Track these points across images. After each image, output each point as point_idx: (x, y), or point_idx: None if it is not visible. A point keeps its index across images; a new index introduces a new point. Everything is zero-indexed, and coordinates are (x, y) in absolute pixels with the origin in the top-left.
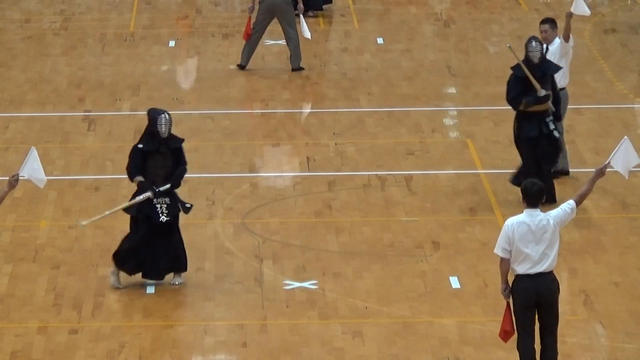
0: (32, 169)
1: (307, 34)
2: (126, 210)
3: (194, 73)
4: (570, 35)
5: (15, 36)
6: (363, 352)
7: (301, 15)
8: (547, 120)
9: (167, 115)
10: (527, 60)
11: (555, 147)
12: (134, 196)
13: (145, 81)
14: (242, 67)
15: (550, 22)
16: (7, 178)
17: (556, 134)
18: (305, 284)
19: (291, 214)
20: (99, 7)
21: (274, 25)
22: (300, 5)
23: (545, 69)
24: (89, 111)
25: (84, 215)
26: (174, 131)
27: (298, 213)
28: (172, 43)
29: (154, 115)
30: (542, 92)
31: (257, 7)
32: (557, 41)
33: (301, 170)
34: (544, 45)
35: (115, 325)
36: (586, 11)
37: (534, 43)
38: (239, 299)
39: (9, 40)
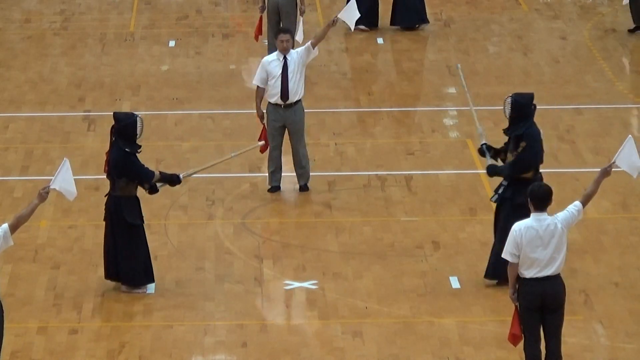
0: (64, 180)
1: (300, 36)
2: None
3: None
4: (317, 45)
5: (15, 36)
6: (363, 352)
7: (300, 17)
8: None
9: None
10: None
11: None
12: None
13: (145, 81)
14: None
15: (291, 32)
16: (7, 179)
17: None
18: (305, 284)
19: (291, 214)
20: (99, 7)
21: None
22: (302, 7)
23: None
24: (89, 111)
25: (84, 216)
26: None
27: (298, 213)
28: (172, 43)
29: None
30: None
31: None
32: (292, 52)
33: None
34: (283, 56)
35: (115, 325)
36: (352, 23)
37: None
38: (239, 299)
39: (9, 40)
